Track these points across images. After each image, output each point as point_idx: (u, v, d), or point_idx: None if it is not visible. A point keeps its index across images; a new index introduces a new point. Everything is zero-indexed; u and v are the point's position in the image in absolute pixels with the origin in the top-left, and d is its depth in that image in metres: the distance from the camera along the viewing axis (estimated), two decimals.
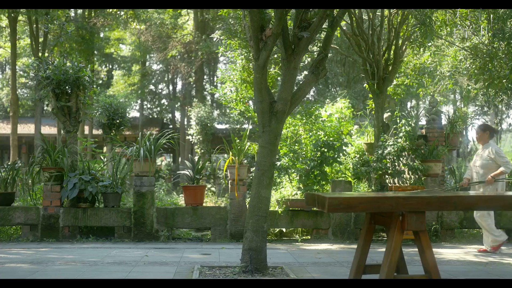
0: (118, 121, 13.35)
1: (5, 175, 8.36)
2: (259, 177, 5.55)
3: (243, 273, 5.34)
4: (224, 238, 8.34)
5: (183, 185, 8.71)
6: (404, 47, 9.08)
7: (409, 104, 29.81)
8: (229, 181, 8.45)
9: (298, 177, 8.64)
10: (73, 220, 8.22)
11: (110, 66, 36.30)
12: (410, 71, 10.40)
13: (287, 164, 8.51)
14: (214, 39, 10.26)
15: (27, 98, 35.85)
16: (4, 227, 8.57)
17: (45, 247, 7.49)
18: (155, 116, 37.38)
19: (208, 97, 34.97)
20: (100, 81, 29.86)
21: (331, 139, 9.18)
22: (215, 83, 32.81)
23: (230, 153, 8.46)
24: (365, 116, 11.04)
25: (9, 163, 17.79)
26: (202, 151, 17.50)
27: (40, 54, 18.53)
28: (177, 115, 36.24)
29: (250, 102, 10.21)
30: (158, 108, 37.62)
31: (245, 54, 10.29)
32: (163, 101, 37.36)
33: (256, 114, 11.14)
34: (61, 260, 6.21)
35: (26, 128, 31.18)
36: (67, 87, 8.56)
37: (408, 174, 8.71)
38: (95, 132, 24.93)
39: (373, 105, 10.68)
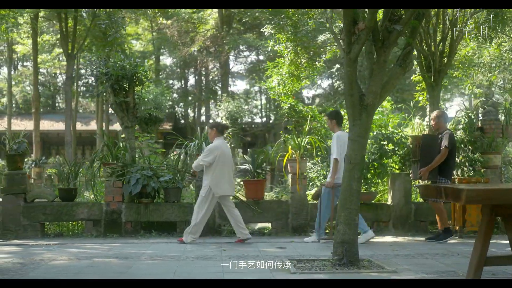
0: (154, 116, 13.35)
1: (67, 171, 8.36)
2: (350, 170, 5.57)
3: (338, 266, 5.36)
4: (285, 232, 8.37)
5: (244, 179, 8.73)
6: (459, 39, 9.07)
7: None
8: (290, 175, 8.47)
9: None
10: (135, 215, 8.23)
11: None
12: (458, 63, 10.41)
13: None
14: (265, 33, 10.22)
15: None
16: (64, 223, 8.62)
17: (114, 242, 7.51)
18: (167, 111, 37.18)
19: (219, 92, 34.93)
20: None
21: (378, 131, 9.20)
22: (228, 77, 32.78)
23: (289, 146, 8.48)
24: (409, 108, 11.03)
25: (36, 160, 17.73)
26: (232, 145, 17.51)
27: (69, 51, 18.51)
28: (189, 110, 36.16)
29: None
30: (170, 103, 37.45)
31: (293, 47, 10.30)
32: (175, 95, 37.21)
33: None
34: (144, 256, 6.23)
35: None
36: (125, 83, 8.56)
37: (466, 166, 8.71)
38: (116, 127, 24.91)
39: (419, 98, 10.71)
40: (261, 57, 30.77)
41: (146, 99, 12.16)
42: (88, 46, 22.03)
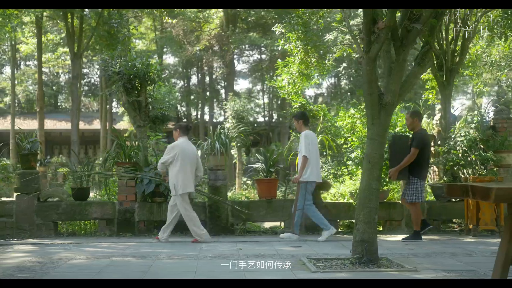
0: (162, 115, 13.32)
1: (80, 171, 8.37)
2: (369, 169, 5.57)
3: (358, 265, 5.36)
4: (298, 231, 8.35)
5: (257, 178, 8.74)
6: (471, 37, 9.07)
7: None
8: None
9: None
10: (148, 214, 8.23)
11: None
12: (468, 62, 10.42)
13: (360, 156, 8.52)
14: (276, 32, 10.21)
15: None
16: (77, 222, 8.62)
17: (128, 241, 7.51)
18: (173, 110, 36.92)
19: (222, 91, 34.92)
20: None
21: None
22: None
23: None
24: (418, 107, 11.03)
25: (41, 159, 17.69)
26: (238, 144, 17.52)
27: (75, 50, 18.52)
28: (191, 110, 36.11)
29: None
30: (173, 102, 37.26)
31: (303, 47, 10.29)
32: (177, 94, 37.00)
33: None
34: (161, 255, 6.23)
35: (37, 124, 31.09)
36: (137, 82, 8.56)
37: (477, 165, 8.71)
38: (123, 126, 24.93)
39: (429, 96, 10.72)
40: (263, 56, 30.80)
41: (157, 98, 12.20)
42: (92, 46, 22.05)
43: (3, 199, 9.41)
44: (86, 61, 33.55)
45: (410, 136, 7.76)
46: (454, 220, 9.16)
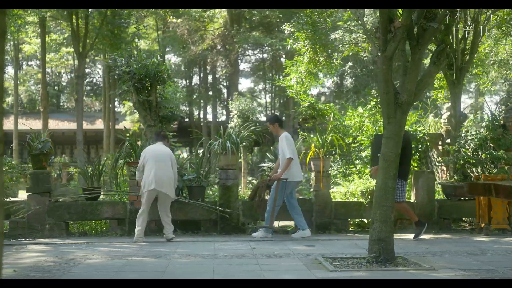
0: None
1: (91, 171, 8.37)
2: (385, 168, 5.57)
3: (375, 264, 5.37)
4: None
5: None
6: (480, 36, 9.07)
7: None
8: (313, 173, 8.48)
9: None
10: (159, 214, 8.22)
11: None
12: (476, 60, 10.41)
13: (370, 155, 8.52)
14: (284, 31, 10.20)
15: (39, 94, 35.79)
16: (88, 222, 8.62)
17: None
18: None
19: (224, 90, 34.92)
20: None
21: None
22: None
23: (313, 145, 8.49)
24: (426, 106, 11.04)
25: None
26: (244, 144, 17.51)
27: (80, 50, 18.50)
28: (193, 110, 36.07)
29: None
30: (179, 101, 37.15)
31: (311, 46, 10.29)
32: (178, 94, 36.92)
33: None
34: (176, 254, 6.24)
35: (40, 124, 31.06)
36: (147, 82, 8.56)
37: (487, 163, 8.71)
38: (126, 126, 24.86)
39: (438, 95, 10.71)
40: (265, 55, 30.79)
41: (167, 98, 12.17)
42: (96, 46, 22.03)
43: (11, 199, 9.43)
44: (88, 60, 33.53)
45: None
46: (464, 218, 9.15)
